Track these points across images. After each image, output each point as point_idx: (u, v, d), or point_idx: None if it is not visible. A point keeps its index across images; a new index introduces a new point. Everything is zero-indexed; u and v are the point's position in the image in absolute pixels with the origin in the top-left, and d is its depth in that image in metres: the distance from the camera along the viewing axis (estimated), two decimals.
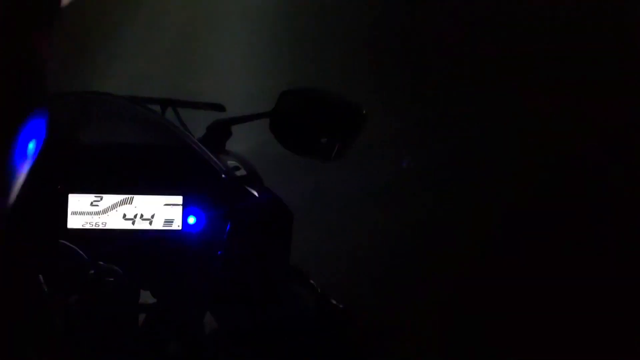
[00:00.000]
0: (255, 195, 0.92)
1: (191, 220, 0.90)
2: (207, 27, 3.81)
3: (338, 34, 3.68)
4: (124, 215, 0.88)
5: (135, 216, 0.88)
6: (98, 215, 0.87)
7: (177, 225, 0.89)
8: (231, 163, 0.95)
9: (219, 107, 1.07)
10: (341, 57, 3.72)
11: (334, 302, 0.92)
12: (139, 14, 3.81)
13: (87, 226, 0.86)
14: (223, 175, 0.88)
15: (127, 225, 0.87)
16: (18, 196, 0.82)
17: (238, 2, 3.99)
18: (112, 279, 0.77)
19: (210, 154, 0.88)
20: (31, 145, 0.55)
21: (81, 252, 0.76)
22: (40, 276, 0.71)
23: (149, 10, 3.85)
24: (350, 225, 2.15)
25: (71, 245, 0.77)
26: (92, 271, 0.76)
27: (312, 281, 0.95)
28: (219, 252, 0.88)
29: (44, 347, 0.69)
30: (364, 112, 0.92)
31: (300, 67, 3.50)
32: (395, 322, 1.67)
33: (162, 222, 0.89)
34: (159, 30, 3.80)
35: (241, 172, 0.95)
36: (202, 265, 0.89)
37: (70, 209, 0.85)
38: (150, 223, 0.89)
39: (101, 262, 0.77)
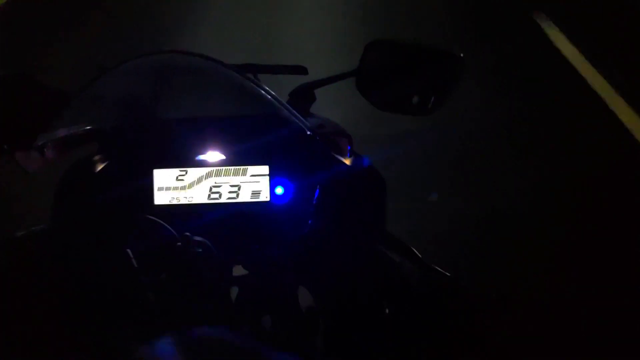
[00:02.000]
0: (343, 162, 0.85)
1: (279, 190, 0.85)
2: None
3: None
4: (211, 189, 0.85)
5: (222, 189, 0.85)
6: (184, 190, 0.85)
7: (264, 196, 0.85)
8: (318, 127, 0.89)
9: (301, 70, 1.00)
10: (428, 10, 3.52)
11: (440, 270, 0.83)
12: None
13: (174, 201, 0.84)
14: (309, 133, 0.81)
15: (214, 199, 0.85)
16: (105, 174, 0.82)
17: None
18: (200, 250, 0.74)
19: (297, 115, 0.82)
20: None
21: (167, 225, 0.74)
22: (129, 251, 0.70)
23: None
24: (448, 191, 2.02)
25: (157, 219, 0.75)
26: (179, 243, 0.73)
27: (413, 249, 0.87)
28: (309, 221, 0.83)
29: (138, 320, 0.68)
30: (461, 55, 0.80)
31: (384, 22, 3.34)
32: (502, 292, 1.56)
33: (249, 194, 0.85)
34: None
35: (329, 135, 0.89)
36: (292, 236, 0.84)
37: (156, 185, 0.84)
38: (237, 195, 0.85)
39: (187, 234, 0.74)
